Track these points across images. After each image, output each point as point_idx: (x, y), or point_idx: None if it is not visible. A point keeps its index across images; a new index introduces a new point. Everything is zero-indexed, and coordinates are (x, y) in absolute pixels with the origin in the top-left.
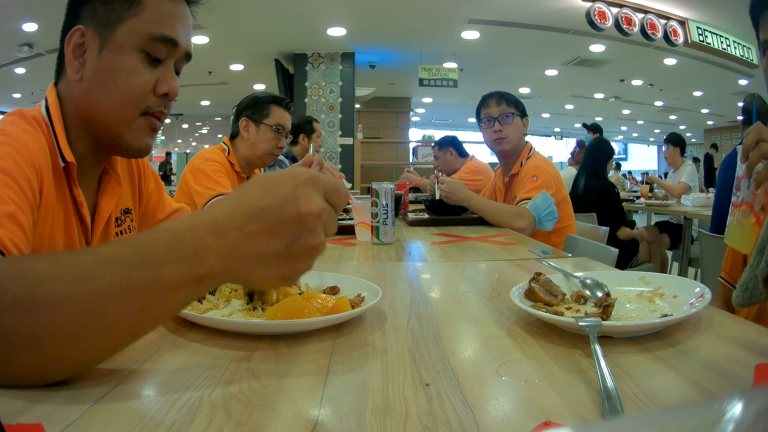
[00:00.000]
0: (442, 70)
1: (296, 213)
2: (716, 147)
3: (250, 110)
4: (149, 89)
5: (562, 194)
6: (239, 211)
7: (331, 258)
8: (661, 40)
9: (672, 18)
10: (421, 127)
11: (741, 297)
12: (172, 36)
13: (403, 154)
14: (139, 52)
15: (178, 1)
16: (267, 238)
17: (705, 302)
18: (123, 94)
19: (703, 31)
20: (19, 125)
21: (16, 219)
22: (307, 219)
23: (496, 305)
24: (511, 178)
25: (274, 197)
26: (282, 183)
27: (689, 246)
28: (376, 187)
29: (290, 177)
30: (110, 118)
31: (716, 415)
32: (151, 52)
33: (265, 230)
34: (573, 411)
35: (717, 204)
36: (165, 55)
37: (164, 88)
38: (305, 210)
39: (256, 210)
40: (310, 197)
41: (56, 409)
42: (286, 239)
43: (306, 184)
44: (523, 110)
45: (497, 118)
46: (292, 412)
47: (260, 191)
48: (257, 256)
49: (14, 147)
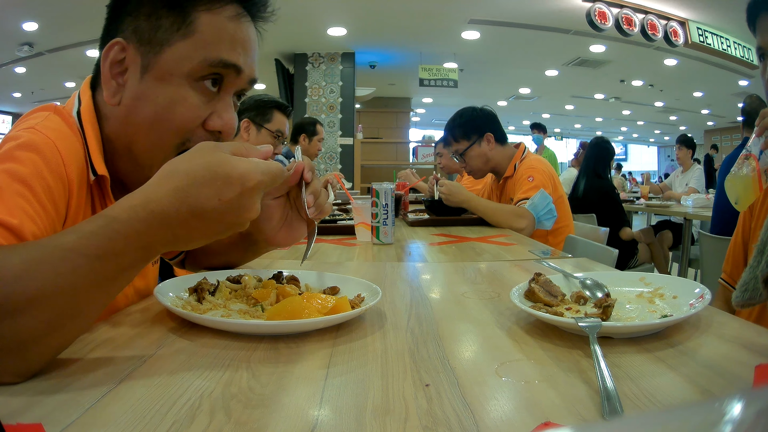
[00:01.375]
0: (443, 70)
1: (236, 218)
2: (716, 148)
3: (253, 112)
4: (198, 123)
5: (558, 193)
6: (185, 207)
7: (331, 258)
8: (662, 40)
9: (672, 18)
10: (421, 127)
11: (741, 297)
12: (233, 61)
13: (403, 155)
14: (189, 80)
15: (240, 19)
16: (206, 229)
17: (705, 303)
18: (163, 122)
19: (704, 31)
20: (52, 122)
21: (20, 234)
22: (245, 219)
23: (496, 306)
24: (504, 181)
25: (219, 201)
26: (230, 186)
27: (689, 246)
28: (376, 187)
29: (238, 182)
30: (142, 143)
31: (716, 415)
32: (206, 81)
33: (207, 224)
34: (573, 411)
35: (717, 204)
36: (223, 83)
37: (218, 123)
38: (246, 217)
39: (201, 211)
40: (253, 204)
41: (56, 409)
42: (224, 225)
43: (251, 192)
44: (476, 130)
45: (456, 158)
46: (292, 413)
47: (208, 191)
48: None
49: (40, 151)
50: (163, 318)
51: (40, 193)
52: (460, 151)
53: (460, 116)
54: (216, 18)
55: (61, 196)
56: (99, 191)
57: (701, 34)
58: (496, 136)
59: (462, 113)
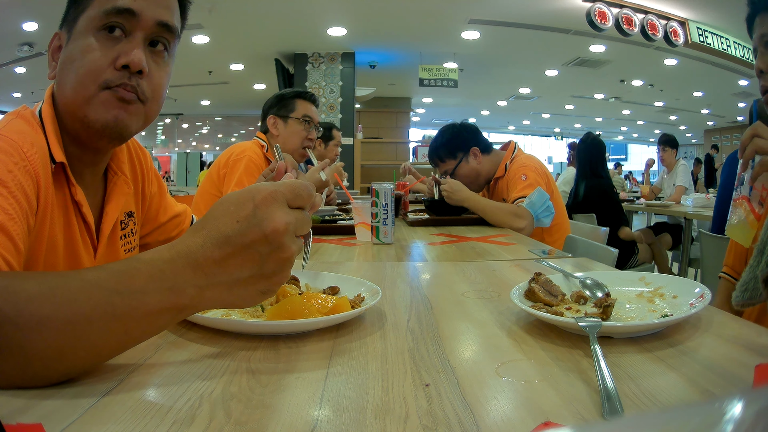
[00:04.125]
0: (443, 70)
1: (261, 234)
2: (717, 148)
3: (275, 108)
4: (106, 63)
5: (551, 190)
6: (209, 241)
7: (331, 258)
8: (662, 40)
9: (672, 18)
10: (421, 127)
11: (741, 297)
12: (125, 5)
13: (403, 154)
14: (95, 32)
15: None
16: (240, 263)
17: (705, 302)
18: (78, 74)
19: (704, 31)
20: (15, 126)
21: (4, 229)
22: (273, 237)
23: (496, 305)
24: (495, 181)
25: (238, 222)
26: (243, 206)
27: (689, 246)
28: (376, 187)
29: (249, 198)
30: (72, 101)
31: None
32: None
33: (237, 255)
34: (573, 411)
35: (719, 204)
36: (125, 27)
37: (123, 59)
38: (270, 229)
39: (224, 238)
40: (272, 215)
41: (56, 409)
42: (257, 260)
43: (265, 202)
44: (461, 147)
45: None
46: (292, 412)
47: (224, 218)
48: (233, 281)
49: (6, 151)
50: None
51: (13, 188)
52: (449, 171)
53: (442, 135)
54: None
55: (30, 188)
56: (63, 178)
57: (701, 34)
58: (481, 148)
59: (443, 132)
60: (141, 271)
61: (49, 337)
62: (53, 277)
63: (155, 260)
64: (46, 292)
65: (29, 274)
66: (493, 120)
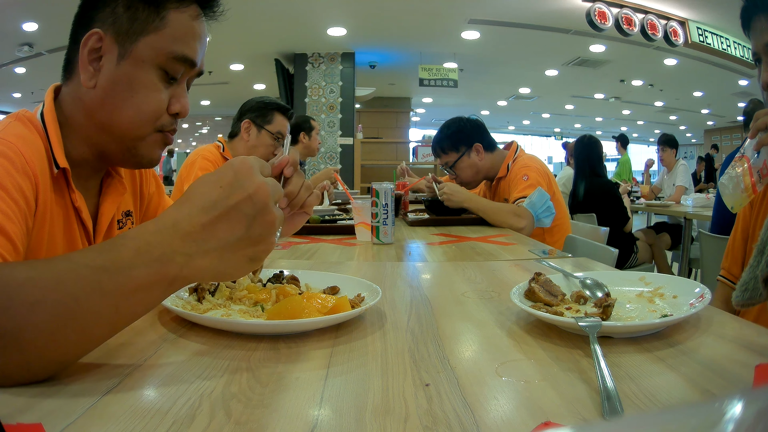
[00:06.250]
0: (442, 70)
1: (246, 194)
2: (716, 147)
3: (254, 113)
4: (164, 108)
5: (552, 190)
6: (195, 209)
7: (331, 258)
8: (662, 40)
9: (672, 18)
10: (421, 127)
11: (741, 297)
12: (191, 56)
13: (403, 154)
14: (157, 68)
15: (199, 19)
16: (227, 227)
17: (705, 302)
18: (140, 110)
19: (704, 31)
20: (14, 129)
21: (2, 229)
22: (258, 197)
23: (496, 305)
24: (497, 181)
25: (221, 188)
26: (223, 174)
27: (689, 246)
28: (376, 187)
29: (228, 167)
30: (126, 132)
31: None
32: (169, 71)
33: (223, 219)
34: (573, 411)
35: (718, 203)
36: (181, 74)
37: (177, 107)
38: (253, 189)
39: (210, 203)
40: (252, 177)
41: (56, 409)
42: (244, 222)
43: (244, 168)
44: (464, 141)
45: (446, 170)
46: (292, 412)
47: (206, 187)
48: (222, 247)
49: (5, 155)
50: (163, 318)
51: (12, 191)
52: (450, 164)
53: (448, 127)
54: (182, 16)
55: (29, 190)
56: (64, 183)
57: (701, 34)
58: (485, 144)
59: (449, 124)
60: (127, 246)
61: (40, 321)
62: (42, 262)
63: (141, 233)
64: (34, 277)
65: (18, 262)
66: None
